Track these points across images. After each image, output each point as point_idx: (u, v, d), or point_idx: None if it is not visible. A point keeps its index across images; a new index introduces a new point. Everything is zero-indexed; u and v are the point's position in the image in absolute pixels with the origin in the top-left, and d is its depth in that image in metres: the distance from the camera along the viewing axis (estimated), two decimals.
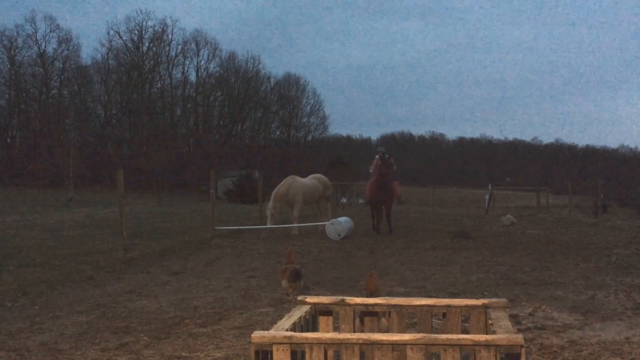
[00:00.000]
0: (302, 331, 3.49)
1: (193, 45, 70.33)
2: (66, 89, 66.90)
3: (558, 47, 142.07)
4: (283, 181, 15.65)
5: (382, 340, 2.97)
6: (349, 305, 3.95)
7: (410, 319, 4.70)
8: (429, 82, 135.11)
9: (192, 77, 71.41)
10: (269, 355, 3.03)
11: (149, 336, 5.28)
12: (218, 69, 72.09)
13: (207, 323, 5.73)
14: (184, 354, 4.72)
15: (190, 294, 7.29)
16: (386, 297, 4.15)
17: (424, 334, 2.97)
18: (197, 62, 70.84)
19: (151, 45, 69.29)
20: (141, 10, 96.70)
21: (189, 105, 71.37)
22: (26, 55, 64.86)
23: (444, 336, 2.96)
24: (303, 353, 3.05)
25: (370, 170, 15.75)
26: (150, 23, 69.07)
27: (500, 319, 3.48)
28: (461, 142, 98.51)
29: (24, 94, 64.93)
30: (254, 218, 20.18)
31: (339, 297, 4.03)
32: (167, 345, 5.01)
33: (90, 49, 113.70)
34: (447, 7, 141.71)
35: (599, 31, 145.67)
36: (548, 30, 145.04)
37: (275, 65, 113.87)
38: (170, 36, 69.72)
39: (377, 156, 15.98)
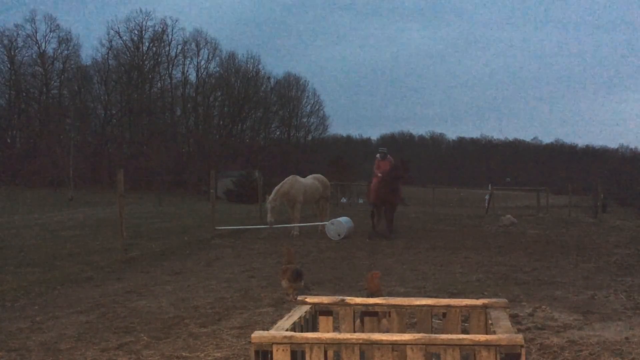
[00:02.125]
0: (302, 331, 3.49)
1: (193, 45, 70.37)
2: (66, 89, 66.87)
3: (558, 47, 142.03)
4: (285, 180, 15.62)
5: (382, 340, 2.97)
6: (349, 305, 3.95)
7: (410, 319, 4.70)
8: (429, 82, 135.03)
9: (192, 77, 71.45)
10: (269, 355, 3.03)
11: (149, 336, 5.28)
12: (218, 69, 72.14)
13: (207, 323, 5.73)
14: (184, 354, 4.73)
15: (190, 294, 7.30)
16: (386, 297, 4.15)
17: (424, 334, 2.97)
18: (197, 62, 70.89)
19: (151, 45, 69.30)
20: (141, 10, 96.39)
21: (189, 105, 71.33)
22: (26, 55, 64.94)
23: (444, 336, 2.96)
24: (303, 353, 3.05)
25: (379, 174, 14.83)
26: (150, 23, 69.09)
27: (500, 319, 3.47)
28: (461, 142, 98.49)
29: (24, 94, 64.91)
30: (254, 218, 20.18)
31: (339, 297, 4.03)
32: (167, 345, 5.01)
33: (90, 49, 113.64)
34: (446, 8, 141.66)
35: (599, 31, 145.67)
36: (548, 31, 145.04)
37: (275, 65, 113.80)
38: (170, 36, 69.76)
39: (377, 156, 15.43)
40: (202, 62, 71.09)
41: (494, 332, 3.21)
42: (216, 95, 72.50)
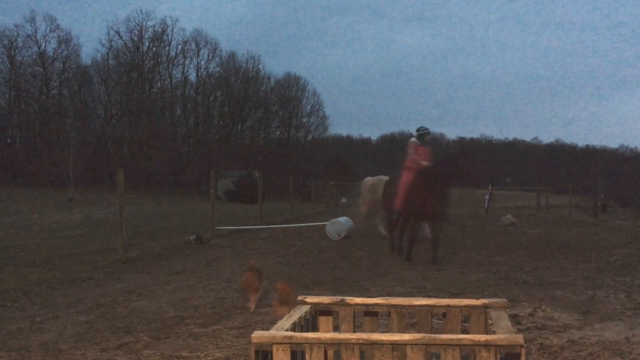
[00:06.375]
0: (302, 331, 3.49)
1: (193, 45, 70.41)
2: (66, 89, 66.88)
3: (558, 48, 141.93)
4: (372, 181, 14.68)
5: (382, 340, 2.97)
6: (349, 305, 3.94)
7: (410, 319, 4.70)
8: (429, 82, 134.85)
9: (192, 77, 71.50)
10: (269, 355, 3.03)
11: (149, 336, 5.28)
12: (218, 69, 72.19)
13: (207, 323, 5.73)
14: (184, 354, 4.72)
15: (190, 294, 7.29)
16: (386, 297, 4.15)
17: (424, 334, 2.97)
18: (197, 62, 70.91)
19: (151, 45, 69.30)
20: (141, 10, 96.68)
21: (189, 105, 71.36)
22: (26, 55, 64.91)
23: (444, 336, 2.96)
24: (303, 353, 3.05)
25: (422, 163, 9.97)
26: (150, 23, 69.14)
27: (500, 319, 3.47)
28: (461, 142, 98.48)
29: (24, 94, 64.88)
30: (254, 218, 20.18)
31: (339, 297, 4.02)
32: (167, 345, 5.01)
33: (90, 49, 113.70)
34: (445, 10, 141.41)
35: (598, 32, 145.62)
36: (547, 31, 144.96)
37: (275, 65, 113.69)
38: (170, 36, 69.79)
39: (412, 139, 10.40)
40: (202, 62, 71.21)
41: (494, 332, 3.21)
42: (216, 95, 72.52)
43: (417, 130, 10.44)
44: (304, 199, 38.82)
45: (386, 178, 12.79)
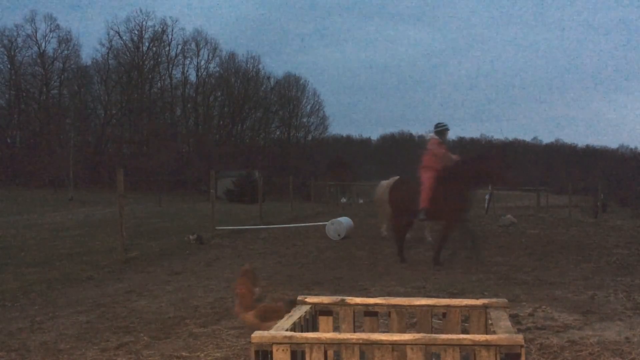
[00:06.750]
0: (302, 331, 3.49)
1: (193, 45, 70.43)
2: (66, 89, 66.90)
3: (558, 48, 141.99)
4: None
5: (382, 340, 2.97)
6: (349, 305, 3.94)
7: (410, 319, 4.70)
8: (429, 82, 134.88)
9: (192, 77, 71.51)
10: (269, 355, 3.03)
11: (149, 336, 5.28)
12: (218, 69, 72.21)
13: (207, 323, 5.73)
14: (184, 354, 4.72)
15: (190, 294, 7.30)
16: (386, 297, 4.15)
17: (424, 334, 2.97)
18: (197, 62, 70.93)
19: (151, 45, 69.31)
20: (141, 10, 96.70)
21: (189, 105, 71.37)
22: (26, 55, 64.98)
23: (444, 336, 2.96)
24: (303, 353, 3.05)
25: (454, 157, 9.67)
26: (150, 23, 69.19)
27: (500, 319, 3.47)
28: (461, 142, 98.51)
29: (24, 94, 64.90)
30: (253, 218, 20.18)
31: (339, 297, 4.02)
32: (167, 345, 5.01)
33: (90, 49, 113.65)
34: (445, 10, 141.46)
35: (598, 32, 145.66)
36: (547, 31, 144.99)
37: (275, 65, 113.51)
38: (170, 36, 69.81)
39: (432, 135, 9.82)
40: (202, 62, 71.23)
41: (494, 332, 3.21)
42: (216, 95, 72.54)
43: (436, 126, 9.77)
44: (304, 199, 38.84)
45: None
